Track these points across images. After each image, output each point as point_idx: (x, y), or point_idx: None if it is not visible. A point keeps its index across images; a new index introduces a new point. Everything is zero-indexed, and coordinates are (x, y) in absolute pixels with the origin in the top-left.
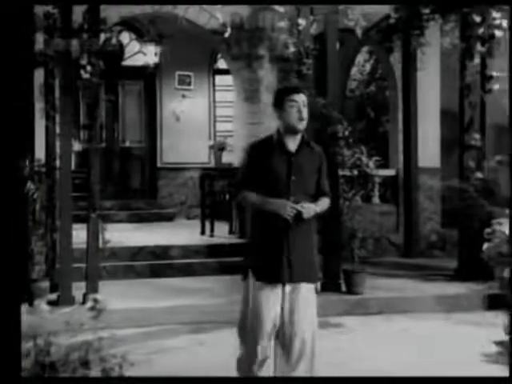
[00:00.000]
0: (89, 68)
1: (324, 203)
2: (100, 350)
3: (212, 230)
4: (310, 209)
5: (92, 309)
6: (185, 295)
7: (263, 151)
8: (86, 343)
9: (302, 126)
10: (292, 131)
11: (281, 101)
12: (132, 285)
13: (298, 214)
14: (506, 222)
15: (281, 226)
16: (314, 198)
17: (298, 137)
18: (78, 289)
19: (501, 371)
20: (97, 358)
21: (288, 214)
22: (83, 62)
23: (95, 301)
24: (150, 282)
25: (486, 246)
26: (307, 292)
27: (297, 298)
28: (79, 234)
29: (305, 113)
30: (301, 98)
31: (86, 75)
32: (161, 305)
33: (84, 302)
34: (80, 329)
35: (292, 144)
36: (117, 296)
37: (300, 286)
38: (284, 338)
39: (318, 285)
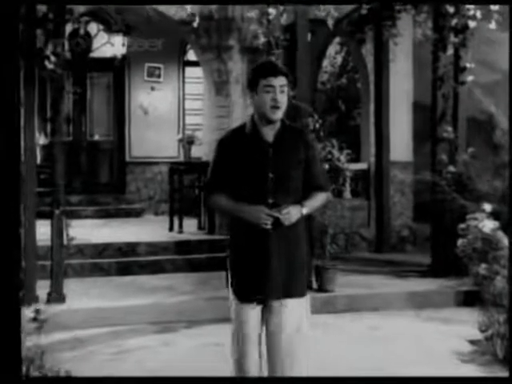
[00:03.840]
0: (53, 58)
1: (316, 201)
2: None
3: (180, 226)
4: (290, 214)
5: (34, 320)
6: (151, 293)
7: (234, 144)
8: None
9: (277, 115)
10: (265, 120)
11: (255, 83)
12: (98, 282)
13: (277, 221)
14: (480, 217)
15: (259, 235)
16: (305, 196)
17: (277, 123)
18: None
19: (477, 372)
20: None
21: (263, 224)
22: (47, 52)
23: (37, 312)
24: (116, 280)
25: (460, 241)
26: (294, 308)
27: (282, 315)
28: (44, 231)
29: (281, 100)
30: (278, 82)
31: (50, 66)
32: (126, 303)
33: (48, 301)
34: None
35: (269, 132)
36: (81, 294)
37: (286, 302)
38: (270, 355)
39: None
